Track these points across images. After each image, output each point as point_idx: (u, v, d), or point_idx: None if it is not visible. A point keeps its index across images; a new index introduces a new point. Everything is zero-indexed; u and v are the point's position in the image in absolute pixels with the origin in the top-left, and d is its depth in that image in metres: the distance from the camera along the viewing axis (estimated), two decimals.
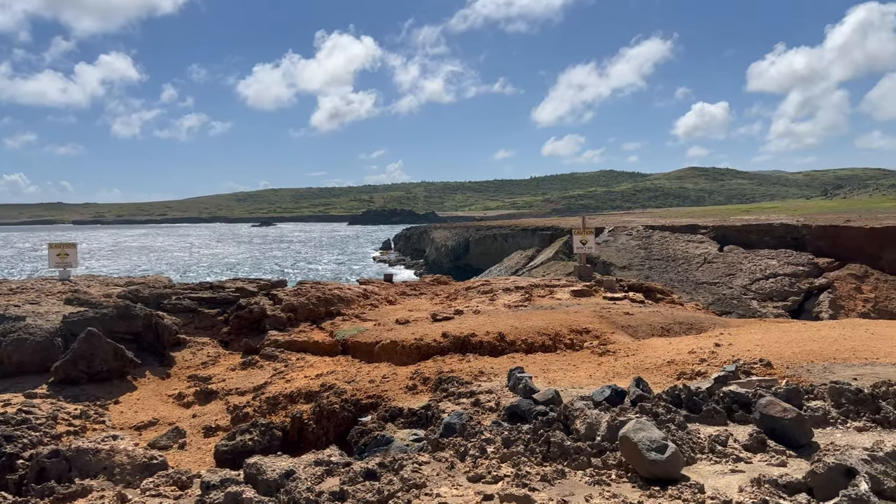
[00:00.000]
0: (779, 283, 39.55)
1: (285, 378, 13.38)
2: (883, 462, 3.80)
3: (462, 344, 13.43)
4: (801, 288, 39.32)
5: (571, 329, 14.36)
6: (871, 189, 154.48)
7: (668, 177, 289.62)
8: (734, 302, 38.44)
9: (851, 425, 5.11)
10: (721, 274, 41.33)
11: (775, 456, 4.58)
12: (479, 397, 10.64)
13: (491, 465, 4.68)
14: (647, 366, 11.28)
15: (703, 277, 41.25)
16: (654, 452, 4.26)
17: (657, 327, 14.88)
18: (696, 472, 4.48)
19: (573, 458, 4.66)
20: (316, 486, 4.50)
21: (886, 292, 38.85)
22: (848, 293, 38.61)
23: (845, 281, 39.49)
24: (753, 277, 40.13)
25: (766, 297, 38.67)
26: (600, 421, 5.00)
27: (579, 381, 10.93)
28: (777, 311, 37.50)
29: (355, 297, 18.00)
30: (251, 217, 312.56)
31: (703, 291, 39.87)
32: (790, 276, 40.19)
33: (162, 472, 5.64)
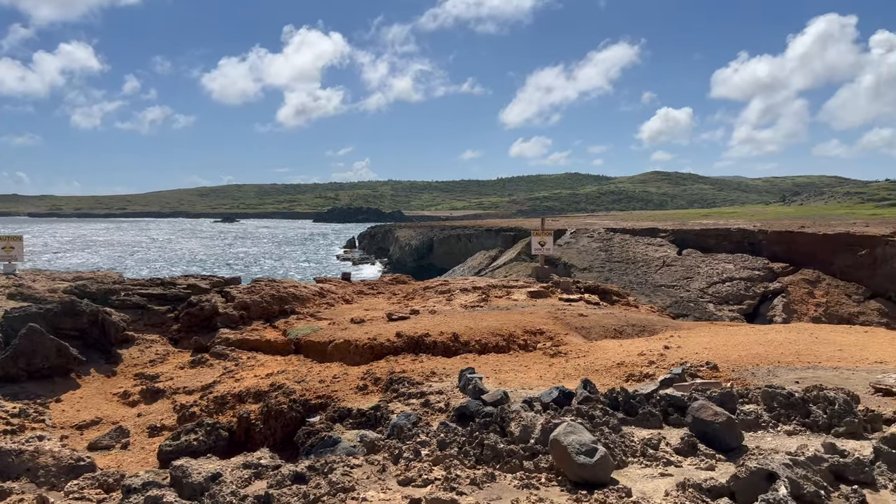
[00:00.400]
0: (735, 287, 40.32)
1: (235, 377, 13.15)
2: (804, 466, 3.84)
3: (416, 344, 13.36)
4: (756, 292, 40.13)
5: (525, 330, 14.39)
6: (827, 196, 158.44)
7: (631, 180, 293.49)
8: (691, 305, 39.06)
9: (782, 429, 5.17)
10: (679, 277, 41.98)
11: (705, 460, 4.61)
12: (430, 398, 10.59)
13: (423, 469, 4.62)
14: (597, 367, 11.36)
15: (662, 280, 41.85)
16: (584, 456, 4.24)
17: (610, 329, 15.01)
18: (626, 475, 4.48)
19: (506, 461, 4.63)
20: (241, 490, 4.39)
21: (837, 297, 39.87)
22: (801, 297, 39.54)
23: (798, 286, 40.43)
24: (710, 281, 40.84)
25: (723, 301, 39.38)
26: (535, 423, 4.98)
27: (530, 382, 10.95)
28: (733, 315, 38.22)
29: (311, 295, 17.79)
30: (214, 213, 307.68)
31: (661, 294, 40.42)
32: (746, 280, 40.99)
33: (88, 475, 5.45)
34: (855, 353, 11.34)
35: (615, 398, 5.59)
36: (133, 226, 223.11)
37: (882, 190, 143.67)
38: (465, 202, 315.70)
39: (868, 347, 11.68)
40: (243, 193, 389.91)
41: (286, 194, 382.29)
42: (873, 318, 38.47)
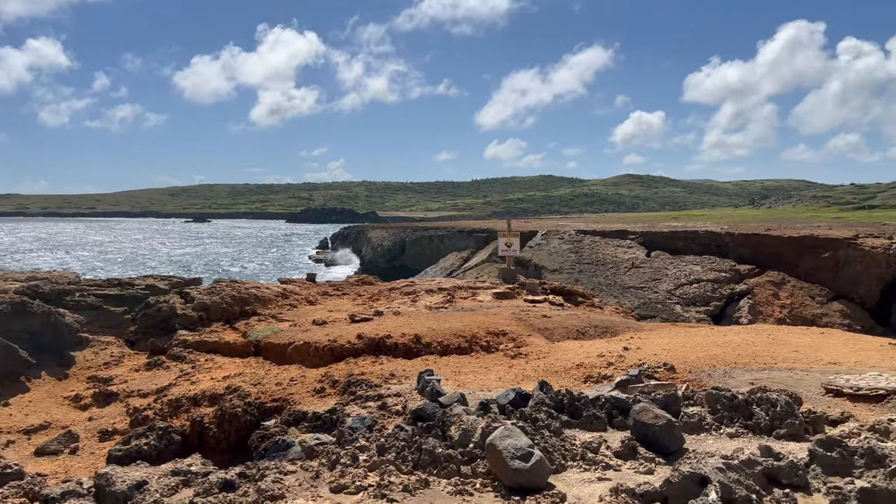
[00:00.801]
0: (702, 289, 40.77)
1: (191, 380, 12.88)
2: (737, 470, 3.79)
3: (377, 346, 13.21)
4: (723, 293, 40.62)
5: (488, 331, 14.32)
6: (795, 200, 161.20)
7: (604, 183, 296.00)
8: (659, 306, 39.40)
9: (724, 431, 5.14)
10: (647, 279, 42.33)
11: (644, 463, 4.55)
12: (387, 400, 10.45)
13: (357, 475, 4.50)
14: (557, 369, 11.32)
15: (631, 282, 42.16)
16: (518, 461, 4.15)
17: (573, 330, 15.00)
18: (564, 480, 4.41)
19: (443, 467, 4.52)
20: (166, 499, 4.22)
21: (801, 299, 40.52)
22: (766, 299, 40.11)
23: (764, 287, 41.01)
24: (678, 283, 41.25)
25: (690, 302, 39.79)
26: (476, 427, 4.88)
27: (489, 384, 10.87)
28: (699, 316, 38.63)
29: (273, 296, 17.55)
30: (185, 212, 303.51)
31: (629, 295, 40.72)
32: (713, 281, 41.47)
33: (14, 483, 5.23)
34: (810, 354, 11.44)
35: (560, 400, 5.52)
36: (102, 225, 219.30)
37: (847, 194, 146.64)
38: (439, 203, 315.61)
39: (823, 349, 11.80)
40: (215, 193, 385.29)
41: (259, 194, 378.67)
42: (836, 319, 39.17)
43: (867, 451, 4.06)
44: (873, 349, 11.60)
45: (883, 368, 10.43)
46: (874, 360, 10.97)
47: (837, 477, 3.98)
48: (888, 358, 10.99)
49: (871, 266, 40.11)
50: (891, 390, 8.52)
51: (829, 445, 4.12)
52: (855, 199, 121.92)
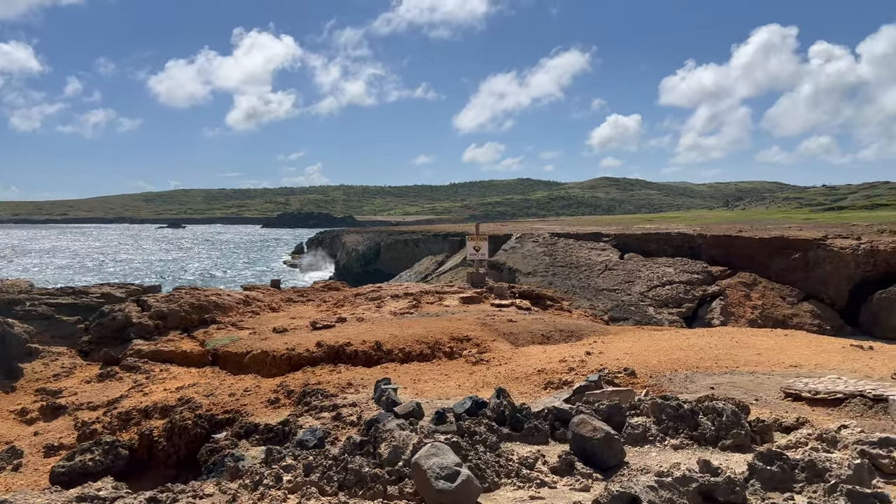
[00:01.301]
0: (674, 291, 40.88)
1: (143, 391, 12.48)
2: (670, 489, 3.57)
3: (336, 354, 12.91)
4: (695, 295, 40.75)
5: (452, 337, 14.08)
6: (768, 201, 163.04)
7: (581, 186, 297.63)
8: (632, 308, 39.43)
9: (669, 443, 4.94)
10: (621, 281, 42.37)
11: (580, 480, 4.32)
12: (342, 411, 10.17)
13: (276, 497, 4.21)
14: (518, 375, 11.11)
15: (604, 284, 42.16)
16: (443, 481, 3.90)
17: (538, 335, 14.82)
18: (494, 500, 4.16)
19: (369, 487, 4.26)
20: None
21: (772, 299, 40.78)
22: (738, 300, 40.32)
23: (736, 289, 41.21)
24: (651, 284, 41.33)
25: (662, 304, 39.87)
26: (408, 444, 4.62)
27: (448, 392, 10.63)
28: (672, 318, 38.71)
29: (235, 303, 17.15)
30: (159, 218, 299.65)
31: (602, 298, 40.71)
32: (685, 283, 41.62)
33: None
34: (772, 356, 11.36)
35: (502, 412, 5.28)
36: (76, 232, 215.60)
37: (819, 195, 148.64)
38: (418, 207, 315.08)
39: (785, 351, 11.72)
40: (190, 199, 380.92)
41: (235, 199, 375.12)
42: (806, 319, 39.49)
43: (808, 464, 3.87)
44: (835, 351, 11.55)
45: (843, 371, 10.35)
46: (835, 362, 10.90)
47: (777, 493, 3.78)
48: (849, 360, 10.93)
49: (840, 266, 40.50)
50: (848, 394, 8.42)
51: (770, 459, 3.92)
52: (826, 201, 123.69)
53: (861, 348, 11.67)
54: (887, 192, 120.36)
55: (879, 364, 10.64)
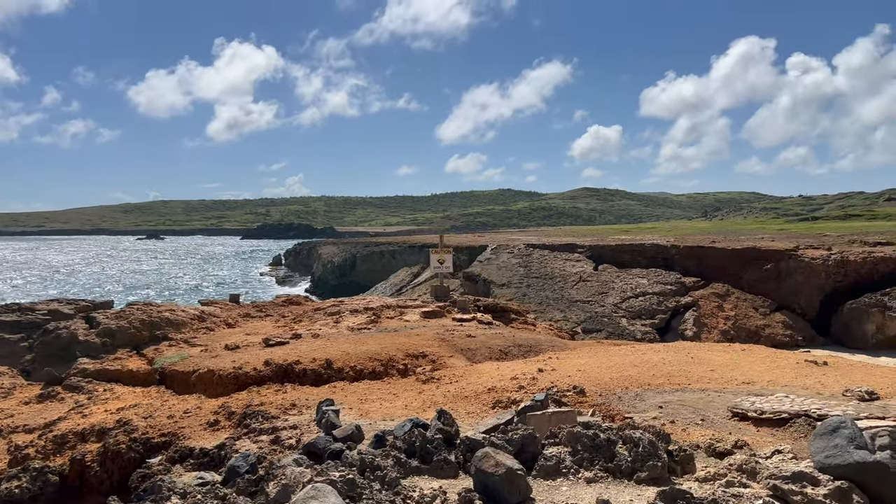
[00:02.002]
0: (647, 302, 40.86)
1: (83, 412, 12.02)
2: None
3: (284, 372, 12.56)
4: (668, 306, 40.75)
5: (407, 353, 13.78)
6: (746, 211, 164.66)
7: (562, 196, 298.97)
8: (605, 320, 39.34)
9: (583, 475, 4.67)
10: (594, 292, 42.30)
11: None
12: (281, 434, 9.82)
13: None
14: (467, 393, 10.82)
15: (578, 296, 42.07)
16: None
17: (496, 350, 14.56)
18: None
19: None
20: None
21: (745, 310, 40.87)
22: (711, 311, 40.37)
23: (709, 299, 41.28)
24: (624, 296, 41.29)
25: (636, 316, 39.82)
26: (299, 482, 4.31)
27: (393, 412, 10.31)
28: (645, 329, 38.65)
29: (189, 320, 16.72)
30: (137, 230, 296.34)
31: (576, 309, 40.59)
32: (658, 294, 41.63)
33: None
34: (726, 373, 11.17)
35: (413, 442, 4.99)
36: (49, 245, 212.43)
37: (795, 205, 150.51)
38: (399, 218, 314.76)
39: (740, 367, 11.54)
40: (169, 210, 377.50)
41: (215, 210, 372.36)
42: (778, 330, 39.61)
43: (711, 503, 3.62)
44: (789, 367, 11.39)
45: (794, 388, 10.19)
46: (788, 378, 10.73)
47: None
48: (802, 376, 10.77)
49: (811, 277, 40.72)
50: (793, 413, 8.23)
51: (672, 497, 3.68)
52: (802, 211, 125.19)
53: (815, 364, 11.53)
54: (861, 203, 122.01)
55: (832, 380, 10.50)
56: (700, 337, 38.73)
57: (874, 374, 10.75)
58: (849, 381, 10.42)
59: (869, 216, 65.97)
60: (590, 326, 38.51)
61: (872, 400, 9.66)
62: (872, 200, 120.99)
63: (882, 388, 10.05)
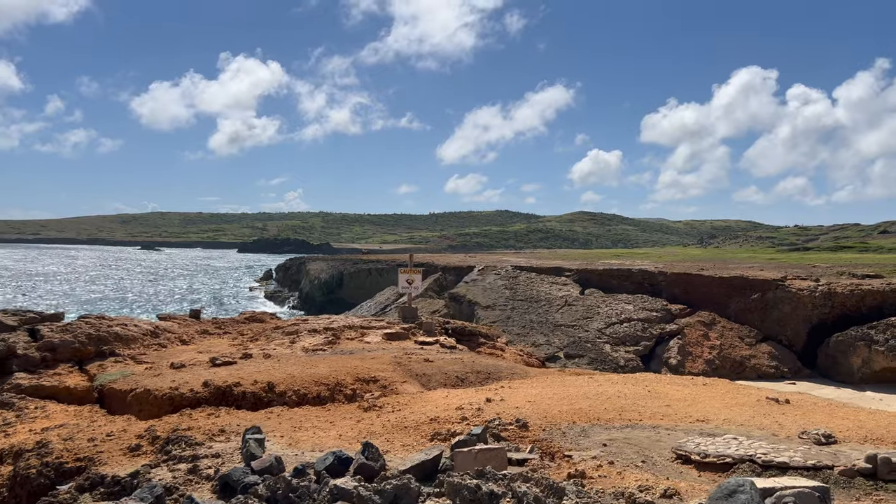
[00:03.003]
0: (632, 328, 40.25)
1: (6, 432, 11.39)
2: None
3: (223, 395, 11.97)
4: (653, 333, 40.15)
5: (357, 378, 13.20)
6: (741, 240, 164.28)
7: (559, 220, 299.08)
8: (588, 345, 38.71)
9: None
10: (579, 317, 41.70)
11: None
12: (201, 462, 9.21)
13: None
14: (408, 424, 10.24)
15: (562, 320, 41.47)
16: None
17: (452, 377, 13.98)
18: None
19: None
20: None
21: (731, 340, 40.25)
22: (696, 339, 39.75)
23: (695, 328, 40.66)
24: (609, 321, 40.70)
25: (620, 342, 39.20)
26: None
27: (325, 443, 9.72)
28: (629, 356, 38.00)
29: (140, 335, 16.13)
30: (134, 241, 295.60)
31: (559, 334, 39.97)
32: (644, 321, 41.03)
33: None
34: (682, 409, 10.61)
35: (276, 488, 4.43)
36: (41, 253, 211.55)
37: (791, 235, 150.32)
38: (396, 236, 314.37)
39: (697, 403, 10.98)
40: (167, 221, 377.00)
41: (212, 223, 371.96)
42: (763, 361, 38.92)
43: None
44: (749, 404, 10.82)
45: (749, 428, 9.63)
46: (745, 416, 10.17)
47: None
48: (760, 415, 10.21)
49: (798, 308, 40.15)
50: (737, 458, 7.67)
51: None
52: (798, 241, 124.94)
53: (776, 401, 10.97)
54: (856, 234, 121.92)
55: (790, 420, 9.94)
56: (684, 365, 38.07)
57: (836, 416, 10.20)
58: (808, 421, 9.86)
59: (861, 248, 65.60)
60: (572, 352, 37.86)
61: (829, 444, 9.10)
62: (867, 232, 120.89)
63: (842, 430, 9.50)
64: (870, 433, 9.24)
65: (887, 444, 8.87)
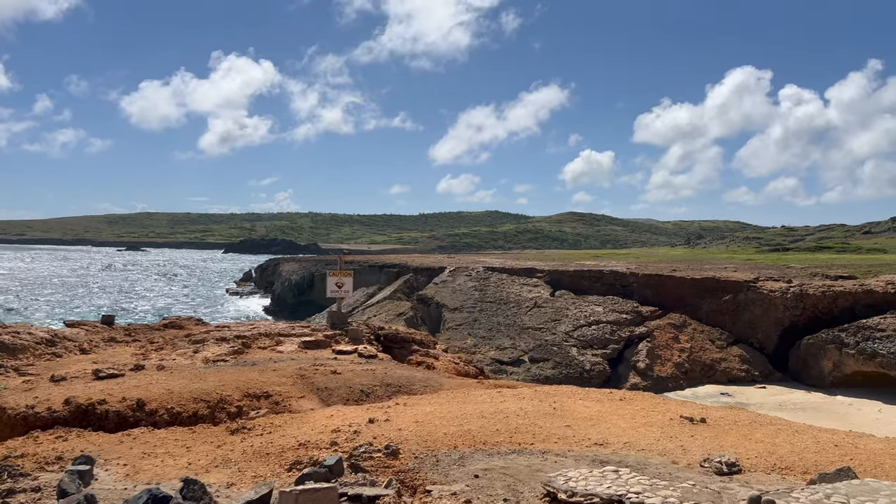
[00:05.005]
0: (601, 331, 39.20)
1: None
2: None
3: (84, 414, 10.77)
4: (622, 336, 39.09)
5: (247, 393, 12.03)
6: (728, 240, 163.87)
7: (548, 220, 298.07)
8: (554, 349, 37.62)
9: None
10: (548, 319, 40.62)
11: None
12: (15, 499, 8.01)
13: None
14: (271, 450, 9.08)
15: (530, 322, 40.37)
16: None
17: (356, 391, 12.83)
18: None
19: None
20: None
21: (701, 342, 39.22)
22: (666, 342, 38.70)
23: (665, 330, 39.62)
24: (577, 324, 39.64)
25: (587, 345, 38.12)
26: None
27: (167, 473, 8.54)
28: (595, 360, 36.93)
29: (34, 344, 14.92)
30: (120, 241, 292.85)
31: (526, 337, 38.87)
32: (613, 323, 39.98)
33: None
34: (583, 430, 9.48)
35: None
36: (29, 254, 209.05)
37: (778, 236, 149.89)
38: (385, 236, 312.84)
39: (603, 422, 9.86)
40: (154, 222, 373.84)
41: (200, 224, 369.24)
42: (734, 364, 37.88)
43: None
44: (658, 424, 9.71)
45: (649, 453, 8.52)
46: (650, 439, 9.06)
47: None
48: (667, 437, 9.10)
49: (770, 310, 39.19)
50: (605, 499, 6.54)
51: None
52: (784, 242, 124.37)
53: (691, 421, 9.87)
54: (841, 235, 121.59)
55: (697, 444, 8.84)
56: (653, 369, 36.99)
57: (751, 438, 9.10)
58: (718, 445, 8.76)
59: (839, 249, 64.81)
60: (537, 355, 36.71)
61: (731, 473, 7.99)
62: (852, 233, 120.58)
63: (752, 456, 8.40)
64: (780, 460, 8.15)
65: (796, 473, 7.79)
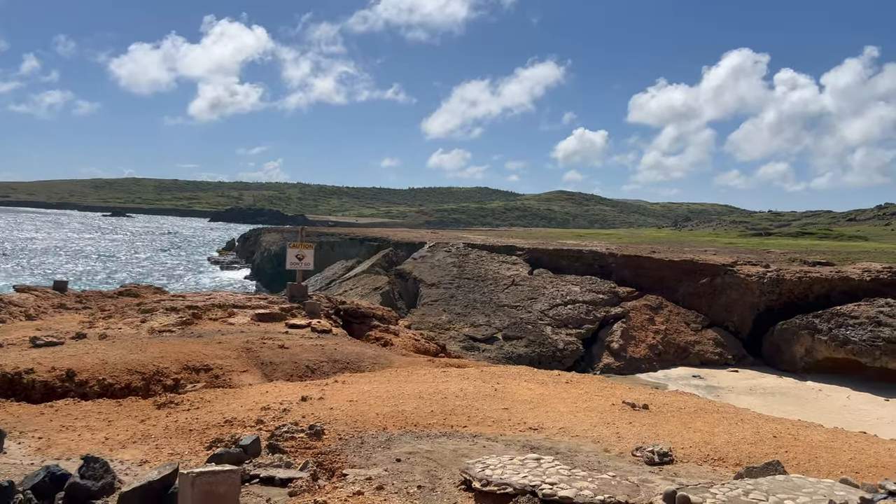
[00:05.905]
0: (576, 310, 39.07)
1: None
2: None
3: (10, 384, 10.37)
4: (598, 316, 38.99)
5: (186, 366, 11.67)
6: (716, 223, 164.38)
7: (537, 198, 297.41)
8: (529, 327, 37.47)
9: None
10: (524, 297, 40.43)
11: None
12: None
13: None
14: (195, 427, 8.74)
15: (506, 300, 40.17)
16: None
17: (302, 366, 12.50)
18: None
19: None
20: None
21: (676, 325, 39.21)
22: (641, 324, 38.64)
23: (641, 311, 39.55)
24: (553, 303, 39.47)
25: (562, 324, 38.00)
26: None
27: (82, 448, 8.18)
28: (569, 339, 36.85)
29: None
30: (106, 206, 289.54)
31: (501, 314, 38.69)
32: (589, 303, 39.85)
33: None
34: (520, 413, 9.20)
35: None
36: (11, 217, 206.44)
37: (764, 220, 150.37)
38: (373, 210, 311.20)
39: (542, 406, 9.58)
40: (141, 188, 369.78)
41: (188, 191, 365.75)
42: (708, 347, 37.91)
43: None
44: (599, 410, 9.44)
45: (583, 440, 8.25)
46: (587, 425, 8.79)
47: None
48: (604, 423, 8.83)
49: (746, 294, 39.16)
50: (520, 489, 6.26)
51: None
52: (771, 226, 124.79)
53: (633, 407, 9.60)
54: (826, 221, 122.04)
55: (634, 432, 8.57)
56: (626, 350, 36.95)
57: (690, 427, 8.85)
58: (655, 433, 8.50)
59: (822, 235, 64.90)
60: (511, 333, 36.55)
61: (663, 464, 7.74)
62: (837, 220, 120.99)
63: (687, 445, 8.15)
64: (714, 451, 7.89)
65: (728, 464, 7.53)
